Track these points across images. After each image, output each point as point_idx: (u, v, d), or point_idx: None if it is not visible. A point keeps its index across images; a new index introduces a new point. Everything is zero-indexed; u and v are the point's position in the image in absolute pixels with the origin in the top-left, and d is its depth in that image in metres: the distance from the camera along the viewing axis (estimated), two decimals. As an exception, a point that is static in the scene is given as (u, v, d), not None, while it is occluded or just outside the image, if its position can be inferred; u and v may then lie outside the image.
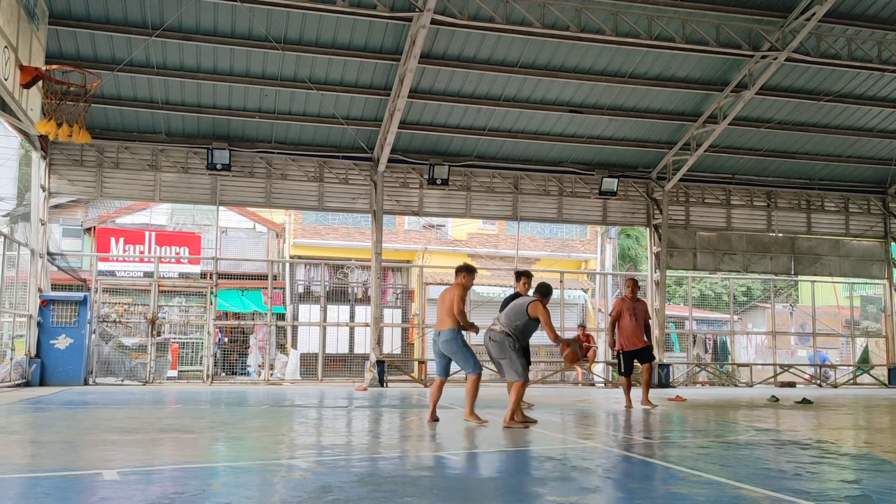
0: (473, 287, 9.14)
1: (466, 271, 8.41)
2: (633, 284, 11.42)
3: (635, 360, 11.43)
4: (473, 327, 8.30)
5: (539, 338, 21.52)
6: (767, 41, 14.39)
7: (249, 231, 25.65)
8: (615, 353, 11.79)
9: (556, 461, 5.66)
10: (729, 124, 16.34)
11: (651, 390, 16.99)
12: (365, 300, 21.69)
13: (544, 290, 8.42)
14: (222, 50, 14.05)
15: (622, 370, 11.41)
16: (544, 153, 17.57)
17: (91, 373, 15.23)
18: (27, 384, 13.90)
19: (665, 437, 7.96)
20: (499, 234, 26.53)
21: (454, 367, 8.49)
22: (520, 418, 8.05)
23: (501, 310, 8.75)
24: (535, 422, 8.21)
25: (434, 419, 8.22)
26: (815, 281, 20.64)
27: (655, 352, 11.94)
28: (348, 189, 16.79)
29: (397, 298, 24.58)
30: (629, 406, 10.89)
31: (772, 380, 19.50)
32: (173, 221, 24.93)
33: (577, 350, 8.52)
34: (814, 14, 13.59)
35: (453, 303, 8.08)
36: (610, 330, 11.45)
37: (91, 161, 15.54)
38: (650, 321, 11.52)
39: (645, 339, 11.23)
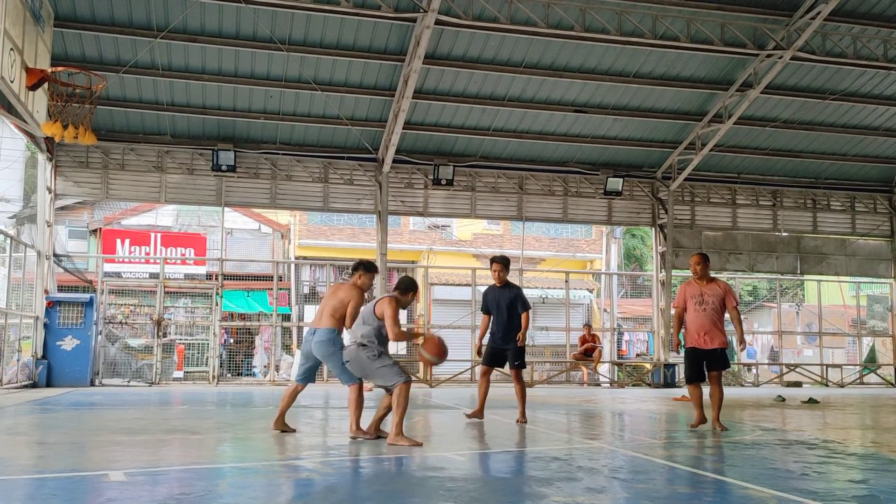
0: (478, 287, 8.76)
1: (365, 269, 7.05)
2: (696, 262, 8.33)
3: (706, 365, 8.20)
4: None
5: (544, 337, 21.33)
6: (773, 40, 14.35)
7: (255, 232, 25.69)
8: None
9: (562, 461, 5.65)
10: (734, 124, 16.29)
11: (656, 390, 17.08)
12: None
13: (403, 287, 6.97)
14: (227, 51, 14.07)
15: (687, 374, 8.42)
16: (549, 153, 17.56)
17: (97, 374, 15.26)
18: (34, 385, 13.94)
19: (671, 437, 7.94)
20: (504, 235, 26.50)
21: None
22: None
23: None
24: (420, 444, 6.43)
25: (281, 428, 7.08)
26: (821, 280, 20.57)
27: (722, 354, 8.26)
28: (353, 190, 16.80)
29: (403, 299, 24.56)
30: (696, 423, 8.14)
31: (777, 379, 19.44)
32: (179, 223, 24.97)
33: (437, 349, 6.91)
34: (819, 13, 13.54)
35: (343, 304, 6.83)
36: (675, 326, 8.46)
37: (97, 163, 15.58)
38: (736, 307, 8.18)
39: (722, 335, 8.09)
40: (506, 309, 8.63)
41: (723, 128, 16.21)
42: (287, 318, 22.09)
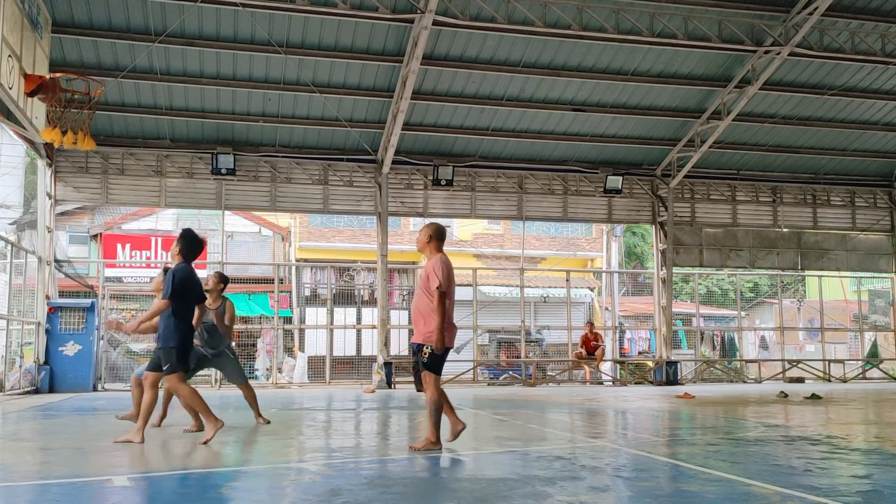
0: (479, 287, 8.65)
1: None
2: (426, 233, 6.61)
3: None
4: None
5: (546, 336, 21.23)
6: (770, 36, 14.35)
7: (255, 235, 25.67)
8: None
9: (566, 460, 5.65)
10: (733, 120, 16.29)
11: (659, 388, 17.10)
12: (372, 302, 21.70)
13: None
14: (225, 55, 14.07)
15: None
16: (548, 152, 17.55)
17: (100, 379, 15.27)
18: (36, 391, 13.94)
19: (674, 434, 7.95)
20: (504, 234, 26.50)
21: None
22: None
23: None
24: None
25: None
26: (822, 276, 20.55)
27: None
28: (353, 191, 16.80)
29: (404, 300, 24.55)
30: (450, 435, 6.26)
31: (780, 375, 19.44)
32: (179, 227, 24.93)
33: None
34: (816, 8, 13.55)
35: None
36: None
37: (96, 168, 15.59)
38: (439, 287, 6.14)
39: (426, 325, 6.20)
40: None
41: (721, 124, 16.21)
42: (289, 320, 22.10)
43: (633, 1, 13.72)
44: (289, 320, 22.17)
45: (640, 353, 23.47)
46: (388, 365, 16.15)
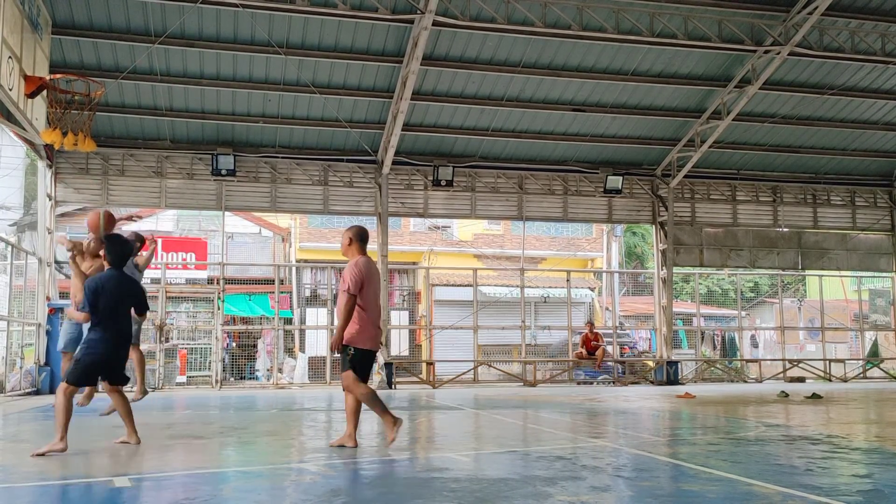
0: (480, 287, 8.49)
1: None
2: (347, 236, 6.74)
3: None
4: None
5: (547, 336, 21.27)
6: (770, 36, 14.35)
7: (255, 236, 25.68)
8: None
9: (566, 460, 5.65)
10: (733, 120, 16.29)
11: (659, 388, 17.11)
12: (372, 303, 21.68)
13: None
14: (225, 56, 14.08)
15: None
16: (548, 152, 17.56)
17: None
18: (37, 392, 13.94)
19: (675, 434, 7.95)
20: (504, 234, 26.49)
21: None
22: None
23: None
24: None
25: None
26: (822, 275, 20.54)
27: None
28: (353, 192, 16.80)
29: (404, 300, 24.56)
30: (336, 441, 6.41)
31: (781, 375, 19.43)
32: (179, 227, 24.98)
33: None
34: (816, 7, 13.55)
35: None
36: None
37: (96, 169, 15.59)
38: (346, 290, 6.28)
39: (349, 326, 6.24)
40: None
41: (721, 124, 16.21)
42: (289, 321, 22.11)
43: (633, 1, 13.72)
44: (289, 321, 22.17)
45: (640, 352, 23.45)
46: (388, 365, 16.14)
